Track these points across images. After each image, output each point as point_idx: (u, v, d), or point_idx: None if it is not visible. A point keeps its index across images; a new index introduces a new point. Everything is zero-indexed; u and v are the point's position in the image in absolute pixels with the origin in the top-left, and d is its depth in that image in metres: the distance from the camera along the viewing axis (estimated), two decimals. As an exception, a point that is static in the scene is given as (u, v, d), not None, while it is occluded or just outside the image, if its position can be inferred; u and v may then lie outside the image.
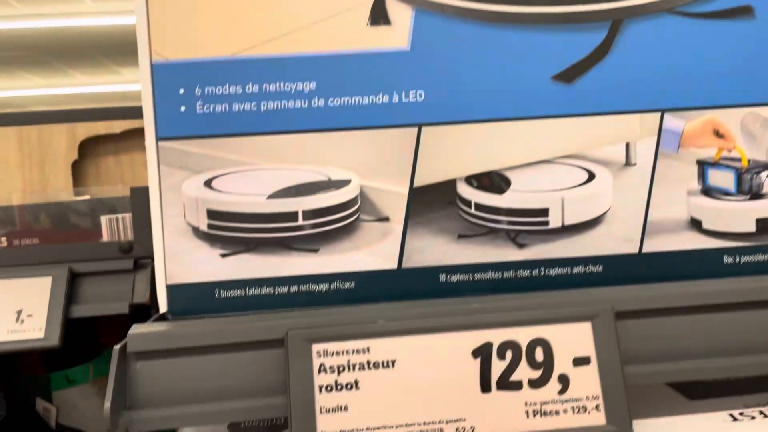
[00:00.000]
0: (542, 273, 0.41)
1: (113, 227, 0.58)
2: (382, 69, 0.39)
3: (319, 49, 0.39)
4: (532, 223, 0.41)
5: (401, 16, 0.40)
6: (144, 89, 0.39)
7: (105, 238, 0.58)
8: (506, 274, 0.41)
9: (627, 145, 0.41)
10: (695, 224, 0.41)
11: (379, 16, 0.40)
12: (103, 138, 0.85)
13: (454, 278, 0.41)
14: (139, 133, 0.88)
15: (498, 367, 0.34)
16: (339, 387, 0.34)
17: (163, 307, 0.39)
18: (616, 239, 0.41)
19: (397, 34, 0.40)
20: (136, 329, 0.35)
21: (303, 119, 0.39)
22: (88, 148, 0.86)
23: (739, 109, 0.41)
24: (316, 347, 0.34)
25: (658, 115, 0.41)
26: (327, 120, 0.40)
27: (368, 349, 0.34)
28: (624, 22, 0.40)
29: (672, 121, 0.41)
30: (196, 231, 0.40)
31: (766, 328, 0.37)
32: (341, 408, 0.34)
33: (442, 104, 0.40)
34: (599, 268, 0.41)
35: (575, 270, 0.41)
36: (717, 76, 0.41)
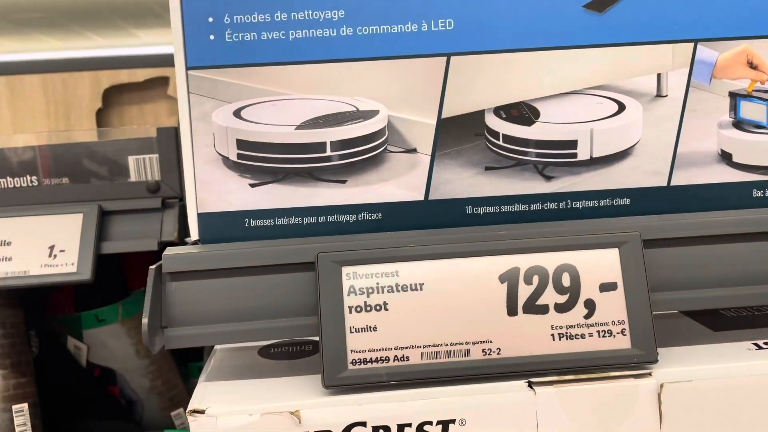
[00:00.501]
0: (569, 205, 0.41)
1: (140, 167, 0.59)
2: (411, -3, 0.39)
3: (347, -23, 0.39)
4: (560, 155, 0.40)
5: (431, -57, 0.39)
6: (173, 18, 0.39)
7: (132, 178, 0.59)
8: (533, 207, 0.41)
9: (658, 76, 0.40)
10: (725, 157, 0.41)
11: (408, -57, 0.39)
12: (127, 87, 0.85)
13: (481, 210, 0.41)
14: (162, 81, 0.88)
15: (524, 291, 0.35)
16: (368, 308, 0.34)
17: (194, 236, 0.40)
18: (644, 172, 0.41)
19: (427, -38, 0.39)
20: (170, 251, 0.36)
21: (331, 48, 0.39)
22: (112, 97, 0.87)
23: (775, 40, 0.40)
24: (346, 270, 0.35)
25: (691, 45, 0.40)
26: (355, 49, 0.39)
27: (397, 273, 0.35)
28: (659, -51, 0.39)
29: (705, 51, 0.40)
30: (226, 160, 0.40)
31: (794, 258, 0.36)
32: (371, 328, 0.34)
33: (471, 33, 0.39)
34: (626, 201, 0.41)
35: (602, 203, 0.41)
36: (751, 5, 0.40)
